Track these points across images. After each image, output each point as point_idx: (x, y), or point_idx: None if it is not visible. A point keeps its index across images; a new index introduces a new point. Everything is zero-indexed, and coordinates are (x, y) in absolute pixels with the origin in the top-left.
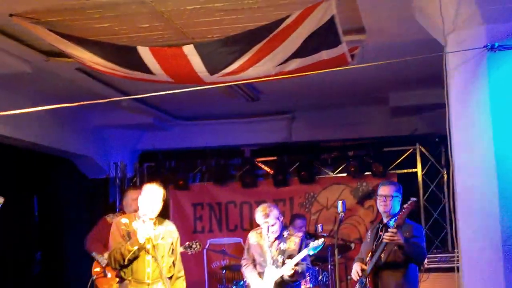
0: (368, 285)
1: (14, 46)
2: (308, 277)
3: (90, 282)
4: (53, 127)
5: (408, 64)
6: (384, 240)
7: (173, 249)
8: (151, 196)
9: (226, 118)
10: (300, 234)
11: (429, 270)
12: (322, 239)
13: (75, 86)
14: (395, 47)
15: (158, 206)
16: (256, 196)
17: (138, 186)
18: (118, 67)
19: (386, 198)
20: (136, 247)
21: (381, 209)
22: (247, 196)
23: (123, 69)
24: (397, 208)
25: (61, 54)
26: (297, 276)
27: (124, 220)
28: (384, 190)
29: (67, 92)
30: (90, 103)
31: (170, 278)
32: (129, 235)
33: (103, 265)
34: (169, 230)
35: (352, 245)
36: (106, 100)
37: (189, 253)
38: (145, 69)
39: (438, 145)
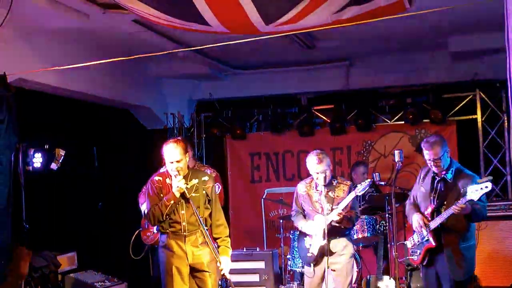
0: (430, 239)
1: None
2: (366, 226)
3: (136, 233)
4: (112, 79)
5: (468, 8)
6: (453, 211)
7: (209, 200)
8: (169, 156)
9: (282, 67)
10: (349, 182)
11: (488, 218)
12: (368, 179)
13: (132, 38)
14: None
15: (182, 162)
16: (313, 145)
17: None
18: (174, 19)
19: (436, 161)
20: (172, 202)
21: (434, 169)
22: (304, 145)
23: (179, 20)
24: (448, 160)
25: (117, 6)
26: (345, 222)
27: (157, 178)
28: (429, 154)
29: (124, 44)
30: (148, 56)
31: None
32: (161, 191)
33: None
34: (203, 181)
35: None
36: (164, 52)
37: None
38: (201, 20)
39: (498, 91)
